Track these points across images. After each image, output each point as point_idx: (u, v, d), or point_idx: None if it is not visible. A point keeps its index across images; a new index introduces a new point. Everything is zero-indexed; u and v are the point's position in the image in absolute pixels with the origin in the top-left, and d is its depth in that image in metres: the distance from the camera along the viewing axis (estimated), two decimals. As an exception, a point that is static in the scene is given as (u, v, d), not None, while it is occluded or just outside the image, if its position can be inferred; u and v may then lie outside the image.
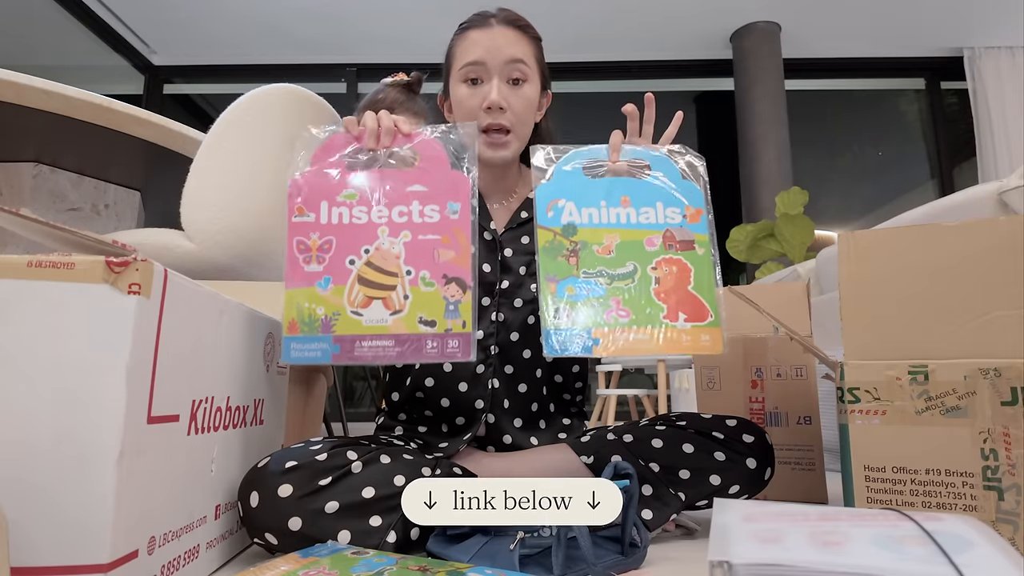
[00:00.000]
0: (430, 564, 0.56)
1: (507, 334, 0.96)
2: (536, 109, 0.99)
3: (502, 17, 0.96)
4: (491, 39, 0.93)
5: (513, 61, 0.93)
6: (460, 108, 0.95)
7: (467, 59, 0.93)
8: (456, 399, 0.95)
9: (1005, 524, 0.69)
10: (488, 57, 0.92)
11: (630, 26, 4.10)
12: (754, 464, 0.91)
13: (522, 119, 0.95)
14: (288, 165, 0.82)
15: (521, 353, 0.96)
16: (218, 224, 1.27)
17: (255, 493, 0.72)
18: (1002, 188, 1.36)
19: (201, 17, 3.99)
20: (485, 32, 0.94)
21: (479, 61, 0.92)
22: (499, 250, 0.98)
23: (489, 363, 0.96)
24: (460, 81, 0.94)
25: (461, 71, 0.94)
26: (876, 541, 0.45)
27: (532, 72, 0.96)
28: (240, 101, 1.31)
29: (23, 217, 0.58)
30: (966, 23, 4.06)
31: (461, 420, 0.96)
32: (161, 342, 0.56)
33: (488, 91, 0.92)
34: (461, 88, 0.94)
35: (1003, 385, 0.70)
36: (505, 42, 0.93)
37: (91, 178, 1.64)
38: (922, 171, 4.56)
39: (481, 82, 0.93)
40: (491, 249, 0.98)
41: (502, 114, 0.93)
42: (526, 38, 0.97)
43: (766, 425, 1.26)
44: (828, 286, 1.95)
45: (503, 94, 0.92)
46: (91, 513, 0.50)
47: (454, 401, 0.95)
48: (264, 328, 0.84)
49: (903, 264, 0.78)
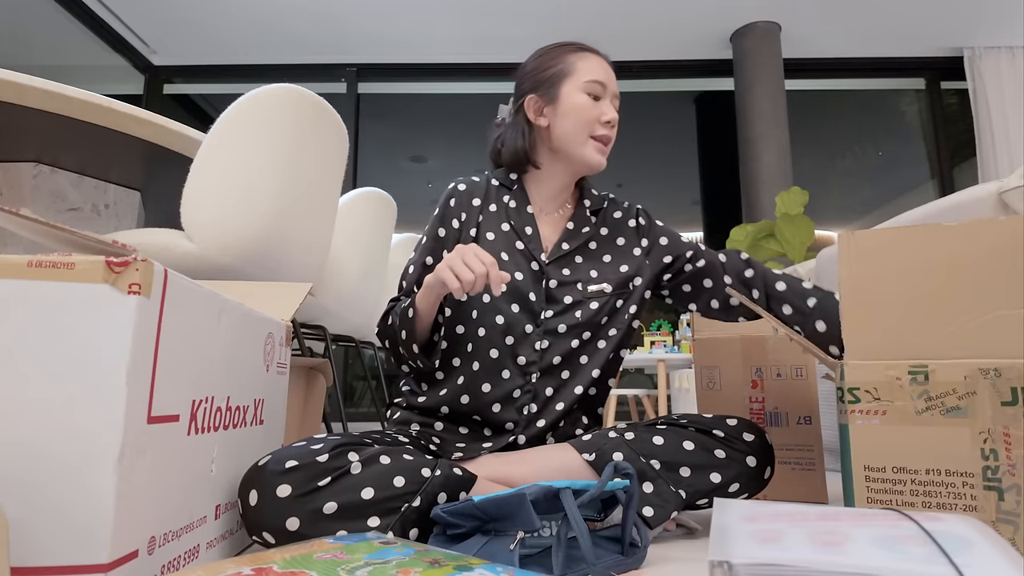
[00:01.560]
0: (444, 557, 0.57)
1: (550, 359, 0.99)
2: None
3: (603, 55, 1.08)
4: (607, 70, 1.06)
5: (617, 97, 1.07)
6: (580, 113, 1.03)
7: (595, 76, 1.03)
8: (488, 417, 0.98)
9: (1005, 524, 0.69)
10: (609, 83, 1.05)
11: (630, 26, 4.10)
12: (754, 462, 0.91)
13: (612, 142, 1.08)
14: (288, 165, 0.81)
15: (561, 374, 1.00)
16: (218, 224, 1.27)
17: (254, 492, 0.72)
18: (1002, 188, 1.36)
19: (201, 17, 3.99)
20: (601, 61, 1.06)
21: (604, 83, 1.04)
22: (545, 280, 1.01)
23: (528, 389, 0.98)
24: (583, 92, 1.03)
25: (587, 84, 1.03)
26: (876, 541, 0.45)
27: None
28: (240, 101, 1.31)
29: (23, 217, 0.58)
30: (966, 23, 4.06)
31: (488, 432, 0.99)
32: (161, 342, 0.56)
33: (607, 109, 1.04)
34: (582, 97, 1.03)
35: (1003, 385, 0.70)
36: (613, 77, 1.07)
37: (91, 178, 1.64)
38: (922, 171, 4.56)
39: (599, 99, 1.04)
40: (537, 279, 1.01)
41: (612, 130, 1.05)
42: None
43: (766, 425, 1.26)
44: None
45: None
46: (91, 513, 0.50)
47: (485, 418, 0.98)
48: (264, 328, 0.83)
49: (903, 264, 0.78)
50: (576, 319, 1.00)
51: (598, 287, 1.02)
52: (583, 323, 1.00)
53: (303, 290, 1.01)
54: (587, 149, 1.03)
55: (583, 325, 1.00)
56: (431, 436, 0.99)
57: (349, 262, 1.94)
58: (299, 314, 1.71)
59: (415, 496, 0.79)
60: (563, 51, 1.06)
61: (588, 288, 1.02)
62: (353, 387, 4.22)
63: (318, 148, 1.46)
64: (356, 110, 4.46)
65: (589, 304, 1.01)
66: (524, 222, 1.04)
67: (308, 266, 1.53)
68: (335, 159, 1.56)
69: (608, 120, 1.03)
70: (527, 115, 1.06)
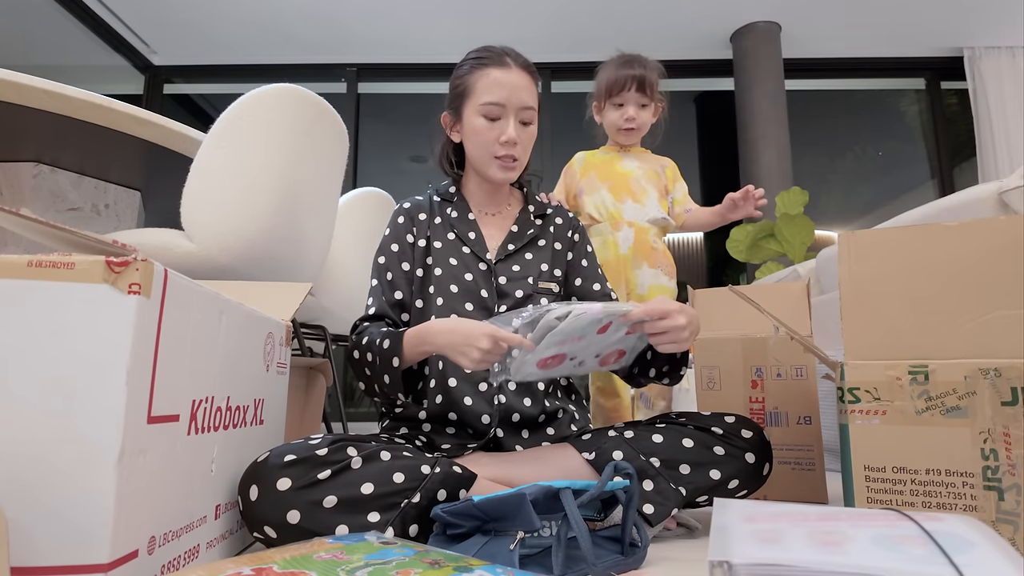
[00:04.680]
0: (443, 558, 0.56)
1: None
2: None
3: (519, 61, 1.06)
4: (512, 83, 1.03)
5: (527, 108, 1.04)
6: (477, 137, 1.04)
7: (489, 99, 1.03)
8: (464, 413, 0.98)
9: (1005, 524, 0.69)
10: (508, 100, 1.03)
11: (630, 26, 4.09)
12: (753, 459, 0.92)
13: (526, 151, 1.09)
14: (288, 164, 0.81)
15: None
16: (218, 224, 1.27)
17: (254, 486, 0.73)
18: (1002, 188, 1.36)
19: (201, 17, 3.99)
20: (506, 74, 1.03)
21: (500, 103, 1.02)
22: (494, 277, 1.05)
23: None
24: (479, 114, 1.04)
25: (482, 107, 1.03)
26: (876, 541, 0.45)
27: (536, 114, 1.06)
28: (240, 101, 1.31)
29: (23, 217, 0.58)
30: (966, 23, 4.06)
31: (471, 431, 0.99)
32: (161, 342, 0.56)
33: (505, 127, 1.03)
34: (479, 121, 1.04)
35: (1003, 385, 0.70)
36: (522, 87, 1.04)
37: (91, 178, 1.64)
38: (922, 171, 4.55)
39: (498, 119, 1.03)
40: (486, 277, 1.05)
41: (514, 147, 1.04)
42: (534, 82, 1.07)
43: (766, 425, 1.26)
44: (828, 286, 1.95)
45: (516, 132, 1.04)
46: (91, 513, 0.50)
47: (462, 414, 0.98)
48: (264, 328, 0.84)
49: (903, 264, 0.78)
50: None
51: (547, 285, 1.07)
52: None
53: (303, 290, 1.02)
54: (491, 169, 1.06)
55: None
56: (419, 437, 1.00)
57: (349, 262, 1.94)
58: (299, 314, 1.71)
59: (415, 492, 0.79)
60: (469, 67, 1.06)
61: (539, 284, 1.06)
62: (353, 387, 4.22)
63: (318, 148, 1.46)
64: (356, 110, 4.46)
65: (540, 299, 1.05)
66: (467, 228, 1.09)
67: (308, 266, 1.53)
68: (335, 159, 1.56)
69: (506, 140, 1.03)
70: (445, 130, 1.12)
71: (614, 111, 1.57)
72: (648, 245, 1.52)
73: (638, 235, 1.52)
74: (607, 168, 1.59)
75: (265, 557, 0.53)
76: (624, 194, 1.55)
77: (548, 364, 0.85)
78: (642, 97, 1.55)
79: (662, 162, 1.64)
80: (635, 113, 1.55)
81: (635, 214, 1.54)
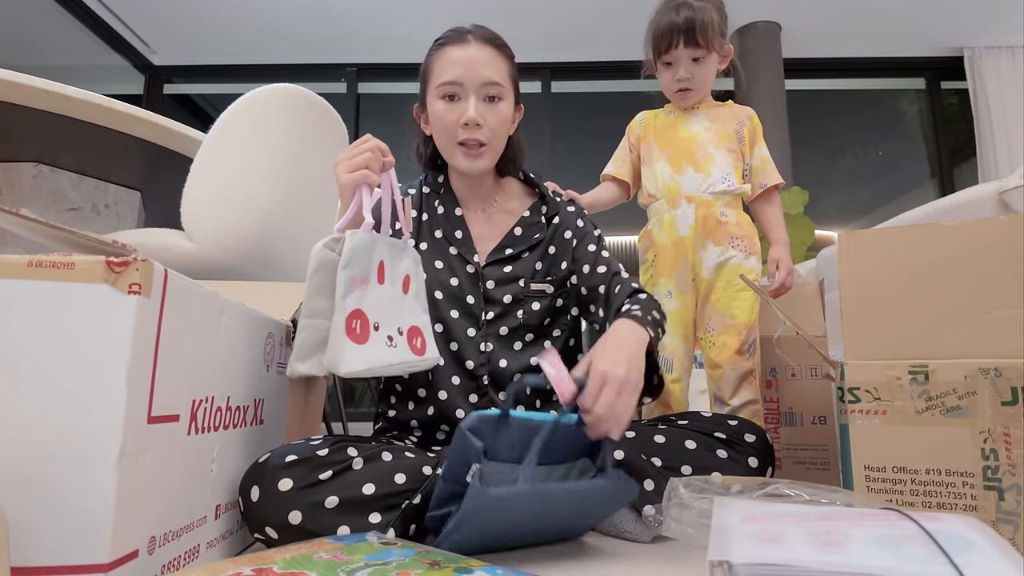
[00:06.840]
0: (444, 559, 0.57)
1: (496, 363, 0.99)
2: (510, 123, 1.03)
3: (479, 35, 0.98)
4: (469, 58, 0.95)
5: (490, 83, 0.96)
6: (438, 123, 0.98)
7: (445, 78, 0.96)
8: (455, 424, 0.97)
9: (1005, 524, 0.69)
10: (466, 77, 0.95)
11: (630, 27, 4.08)
12: (756, 463, 0.91)
13: (497, 134, 0.99)
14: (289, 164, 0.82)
15: (512, 377, 0.99)
16: (218, 224, 1.27)
17: (256, 487, 0.73)
18: (1002, 188, 1.36)
19: (201, 17, 3.99)
20: (463, 50, 0.96)
21: (457, 81, 0.95)
22: (481, 281, 1.01)
23: (483, 392, 0.99)
24: (438, 98, 0.97)
25: (439, 88, 0.97)
26: (876, 541, 0.45)
27: (507, 90, 0.99)
28: (240, 101, 1.31)
29: (23, 217, 0.58)
30: (966, 23, 4.06)
31: None
32: (161, 342, 0.56)
33: (466, 108, 0.95)
34: (439, 104, 0.97)
35: (1003, 385, 0.70)
36: (482, 62, 0.96)
37: (91, 178, 1.64)
38: (922, 171, 4.55)
39: (458, 99, 0.96)
40: (473, 282, 1.01)
41: (479, 130, 0.96)
42: (501, 56, 0.99)
43: (781, 425, 1.25)
44: (828, 286, 1.95)
45: (480, 111, 0.95)
46: (91, 513, 0.50)
47: (453, 425, 0.97)
48: (264, 328, 0.84)
49: (903, 264, 0.78)
50: (518, 320, 1.00)
51: (539, 287, 1.01)
52: (524, 325, 1.00)
53: (303, 290, 1.01)
54: (456, 157, 0.98)
55: (524, 328, 1.00)
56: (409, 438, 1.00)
57: (349, 262, 1.93)
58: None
59: (416, 494, 0.79)
60: (431, 52, 1.00)
61: (530, 286, 1.01)
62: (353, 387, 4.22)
63: (318, 148, 1.46)
64: (356, 110, 4.46)
65: (531, 304, 1.00)
66: (454, 227, 1.04)
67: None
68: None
69: (466, 121, 0.94)
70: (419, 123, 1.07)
71: (666, 71, 1.30)
72: (714, 219, 1.23)
73: (699, 210, 1.23)
74: (668, 134, 1.31)
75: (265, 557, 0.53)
76: (685, 163, 1.26)
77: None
78: (695, 50, 1.25)
79: (740, 117, 1.33)
80: (688, 72, 1.27)
81: (696, 186, 1.24)
